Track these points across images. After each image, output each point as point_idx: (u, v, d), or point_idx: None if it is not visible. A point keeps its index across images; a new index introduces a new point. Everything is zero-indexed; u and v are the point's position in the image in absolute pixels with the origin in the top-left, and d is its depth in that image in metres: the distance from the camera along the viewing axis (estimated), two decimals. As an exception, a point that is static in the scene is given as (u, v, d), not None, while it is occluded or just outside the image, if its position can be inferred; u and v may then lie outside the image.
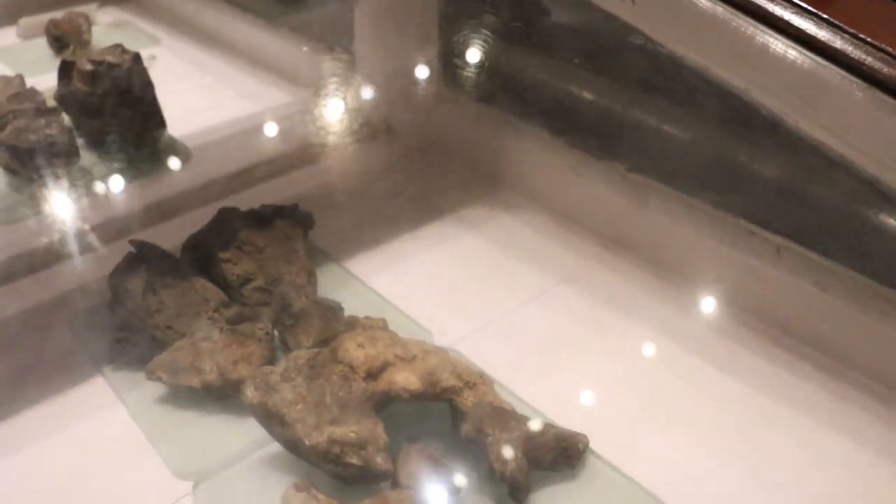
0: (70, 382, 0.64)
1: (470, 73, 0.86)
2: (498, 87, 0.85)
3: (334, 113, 0.94)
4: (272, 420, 0.53)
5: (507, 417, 0.54)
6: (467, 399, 0.54)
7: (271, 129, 0.94)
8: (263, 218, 0.69)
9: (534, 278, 0.73)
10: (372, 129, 0.92)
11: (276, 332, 0.64)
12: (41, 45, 1.19)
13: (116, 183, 0.87)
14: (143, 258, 0.65)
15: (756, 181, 0.69)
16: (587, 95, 0.79)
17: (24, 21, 1.18)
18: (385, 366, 0.54)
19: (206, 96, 1.00)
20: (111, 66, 0.87)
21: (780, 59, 0.52)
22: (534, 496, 0.53)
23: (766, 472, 0.55)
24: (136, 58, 0.89)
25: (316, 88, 0.95)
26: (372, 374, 0.54)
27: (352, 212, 0.80)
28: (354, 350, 0.55)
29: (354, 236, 0.77)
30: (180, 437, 0.59)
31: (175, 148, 0.91)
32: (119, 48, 0.90)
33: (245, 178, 0.88)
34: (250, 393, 0.53)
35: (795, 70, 0.52)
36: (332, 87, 0.94)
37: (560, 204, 0.79)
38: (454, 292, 0.71)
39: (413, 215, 0.82)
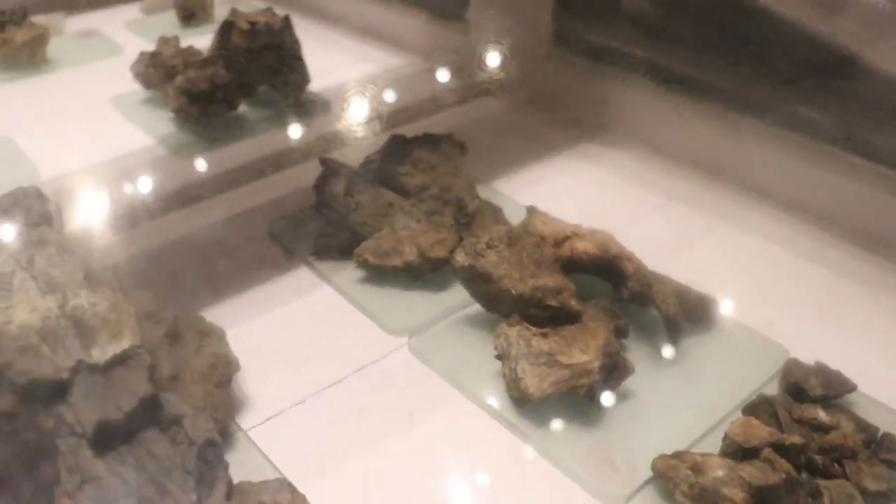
0: (279, 272, 0.79)
1: (579, 32, 1.01)
2: (604, 44, 1.01)
3: (452, 72, 1.10)
4: (478, 280, 0.68)
5: (662, 278, 0.69)
6: (629, 266, 0.69)
7: (395, 86, 1.09)
8: (434, 140, 0.84)
9: (648, 197, 0.89)
10: (486, 85, 1.07)
11: (453, 229, 0.79)
12: (166, 17, 1.34)
13: (271, 126, 1.02)
14: (336, 172, 0.81)
15: (840, 114, 0.85)
16: (685, 47, 0.95)
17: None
18: (566, 237, 0.69)
19: (329, 60, 1.14)
20: (267, 25, 1.02)
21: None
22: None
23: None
24: (286, 19, 1.04)
25: (433, 52, 1.11)
26: (558, 243, 0.69)
27: (481, 150, 0.93)
28: (542, 226, 0.70)
29: (490, 165, 0.92)
30: (386, 305, 0.74)
31: (315, 100, 1.07)
32: (270, 10, 1.05)
33: (377, 125, 1.03)
34: (461, 258, 0.68)
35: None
36: (449, 51, 1.10)
37: (664, 141, 0.95)
38: (585, 208, 0.86)
39: (535, 150, 0.97)
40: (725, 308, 0.71)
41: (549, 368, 0.61)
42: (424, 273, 0.74)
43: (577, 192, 0.88)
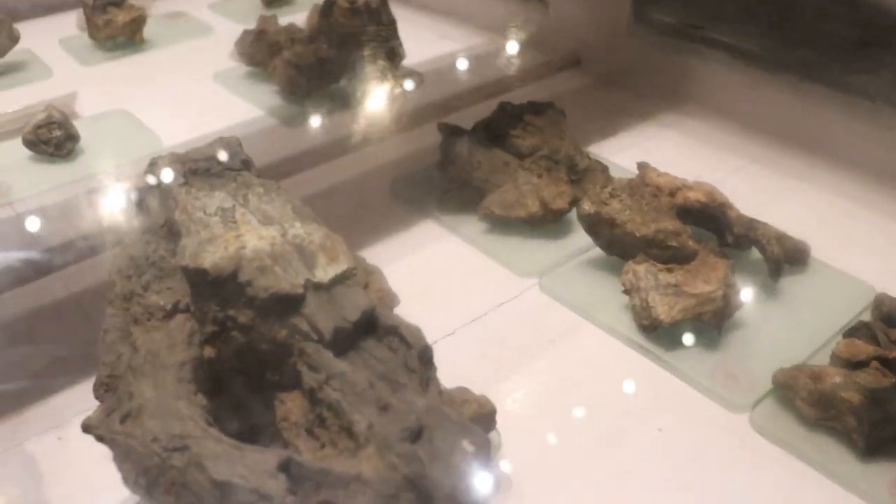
0: (406, 225, 0.89)
1: (656, 9, 1.11)
2: (680, 20, 1.10)
3: (534, 47, 1.19)
4: (603, 225, 0.78)
5: (762, 224, 0.79)
6: (733, 213, 0.79)
7: (482, 60, 1.19)
8: (539, 107, 0.94)
9: (729, 160, 0.99)
10: (566, 60, 1.17)
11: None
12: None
13: (373, 98, 1.11)
14: (458, 134, 0.90)
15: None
16: (756, 23, 1.05)
17: (233, -17, 1.44)
18: (678, 188, 0.79)
19: (416, 38, 1.23)
20: (366, 3, 1.12)
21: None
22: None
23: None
24: (383, -1, 1.14)
25: (515, 31, 1.20)
26: (671, 192, 0.79)
27: (570, 119, 1.03)
28: (656, 178, 0.80)
29: (580, 133, 1.02)
30: (513, 251, 0.84)
31: (411, 73, 1.16)
32: (368, -10, 1.14)
33: (468, 97, 1.13)
34: (587, 206, 0.78)
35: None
36: (530, 30, 1.20)
37: (740, 110, 1.04)
38: (672, 170, 0.95)
39: (620, 119, 1.07)
40: (816, 253, 0.81)
41: (676, 298, 0.71)
42: (545, 223, 0.84)
43: (663, 156, 0.97)
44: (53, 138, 0.99)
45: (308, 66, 1.07)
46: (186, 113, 1.10)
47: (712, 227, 0.80)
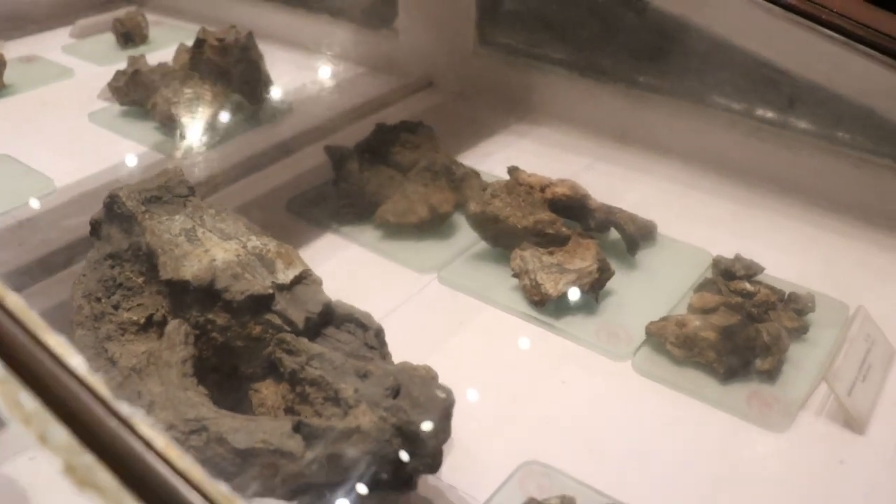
0: (308, 238, 1.01)
1: (499, 32, 1.29)
2: (523, 40, 1.28)
3: (388, 73, 1.34)
4: (488, 222, 0.93)
5: (617, 209, 0.97)
6: (594, 202, 0.97)
7: (343, 87, 1.33)
8: (411, 125, 1.08)
9: (577, 160, 1.17)
10: (420, 82, 1.33)
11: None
12: (100, 41, 1.50)
13: (249, 127, 1.22)
14: (347, 154, 1.04)
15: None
16: (585, 40, 1.24)
17: (81, 22, 1.49)
18: (546, 185, 0.96)
19: (276, 70, 1.35)
20: (236, 39, 1.23)
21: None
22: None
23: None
24: (249, 35, 1.25)
25: (369, 58, 1.35)
26: (542, 189, 0.95)
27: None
28: (527, 178, 0.96)
29: (445, 145, 1.17)
30: (410, 252, 0.97)
31: (279, 104, 1.28)
32: (234, 28, 1.25)
33: (336, 121, 1.26)
34: (474, 206, 0.93)
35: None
36: (383, 56, 1.34)
37: (581, 116, 1.23)
38: (537, 170, 1.13)
39: (475, 132, 1.23)
40: (661, 229, 1.00)
41: (560, 274, 0.87)
42: (434, 226, 0.99)
43: (521, 161, 1.12)
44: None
45: (188, 101, 1.17)
46: (71, 153, 1.16)
47: (576, 215, 0.97)
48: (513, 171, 0.97)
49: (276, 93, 1.28)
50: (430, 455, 0.60)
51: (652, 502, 0.68)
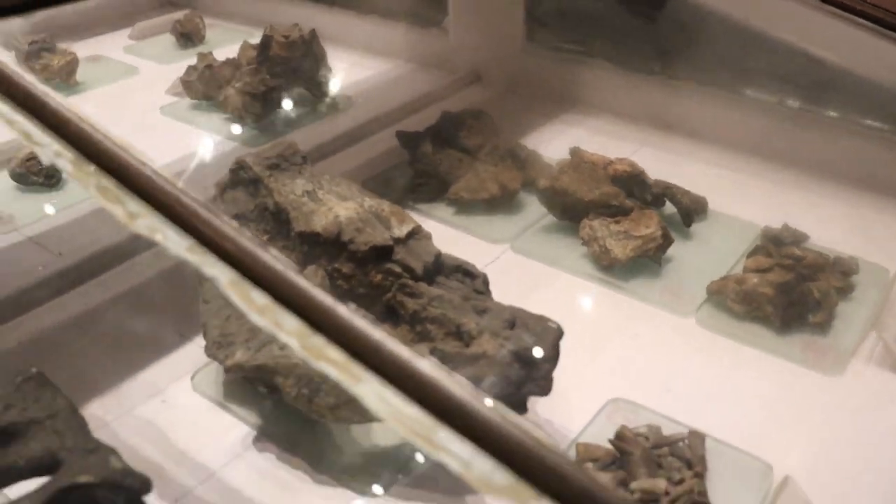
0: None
1: (545, 29, 1.39)
2: (568, 37, 1.39)
3: (438, 70, 1.45)
4: (557, 196, 1.03)
5: (672, 185, 1.08)
6: (649, 178, 1.07)
7: (394, 85, 1.43)
8: (474, 113, 1.19)
9: (624, 146, 1.27)
10: (468, 78, 1.43)
11: (512, 170, 1.14)
12: (159, 42, 1.60)
13: (313, 119, 1.33)
14: (414, 137, 1.14)
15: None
16: (628, 35, 1.35)
17: (140, 24, 1.60)
18: (608, 163, 1.06)
19: (334, 67, 1.45)
20: (301, 36, 1.33)
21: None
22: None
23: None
24: (312, 32, 1.35)
25: (418, 56, 1.45)
26: (604, 166, 1.06)
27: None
28: (589, 156, 1.07)
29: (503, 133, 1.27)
30: (482, 225, 1.08)
31: (339, 97, 1.38)
32: (297, 26, 1.36)
33: (391, 115, 1.36)
34: (543, 181, 1.03)
35: None
36: (434, 54, 1.45)
37: (625, 108, 1.34)
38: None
39: (526, 123, 1.34)
40: (710, 206, 1.10)
41: (627, 240, 0.97)
42: (503, 202, 1.09)
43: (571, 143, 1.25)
44: (43, 169, 1.13)
45: (259, 93, 1.27)
46: (150, 143, 1.25)
47: (635, 189, 1.07)
48: (575, 151, 1.08)
49: (336, 87, 1.38)
50: (543, 378, 0.70)
51: (725, 435, 0.77)
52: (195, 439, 0.81)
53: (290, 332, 0.50)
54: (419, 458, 0.76)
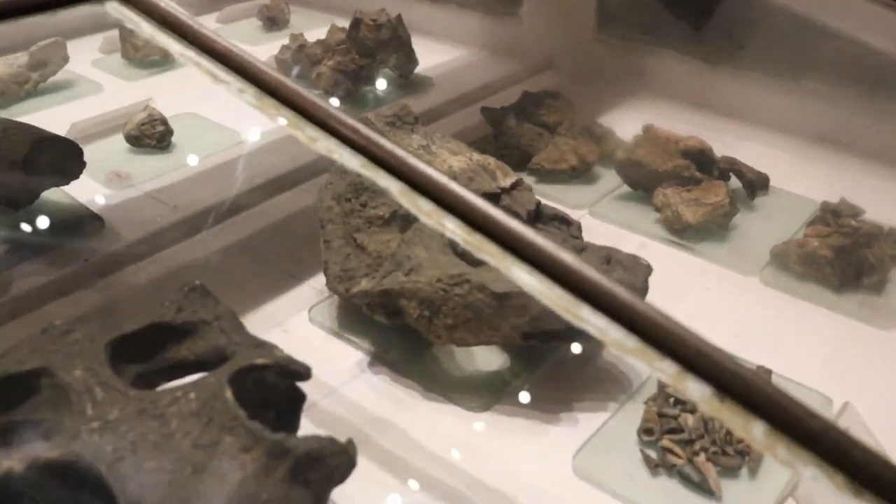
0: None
1: (616, 19, 1.51)
2: (637, 27, 1.50)
3: (510, 56, 1.56)
4: (633, 167, 1.14)
5: (737, 160, 1.18)
6: (715, 154, 1.18)
7: (471, 69, 1.54)
8: (552, 94, 1.30)
9: (689, 129, 1.38)
10: (540, 65, 1.54)
11: (589, 144, 1.24)
12: (246, 25, 1.73)
13: (398, 97, 1.44)
14: (499, 113, 1.25)
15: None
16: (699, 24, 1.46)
17: (228, 9, 1.72)
18: (679, 139, 1.17)
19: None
20: (388, 20, 1.45)
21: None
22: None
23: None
24: (399, 17, 1.47)
25: (493, 44, 1.57)
26: (676, 141, 1.16)
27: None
28: (662, 132, 1.17)
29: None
30: (562, 193, 1.18)
31: (421, 78, 1.50)
32: (384, 11, 1.47)
33: (470, 95, 1.47)
34: (620, 153, 1.14)
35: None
36: (506, 42, 1.56)
37: (690, 95, 1.44)
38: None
39: (598, 104, 1.45)
40: (773, 182, 1.21)
41: (697, 207, 1.08)
42: (580, 173, 1.20)
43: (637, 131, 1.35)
44: (156, 133, 1.26)
45: (350, 71, 1.39)
46: (246, 113, 1.37)
47: (703, 164, 1.17)
48: (648, 127, 1.18)
49: (418, 69, 1.50)
50: (635, 309, 0.80)
51: (790, 374, 0.87)
52: (315, 363, 0.92)
53: (452, 230, 0.61)
54: (515, 382, 0.87)
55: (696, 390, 0.51)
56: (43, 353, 0.65)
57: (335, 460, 0.60)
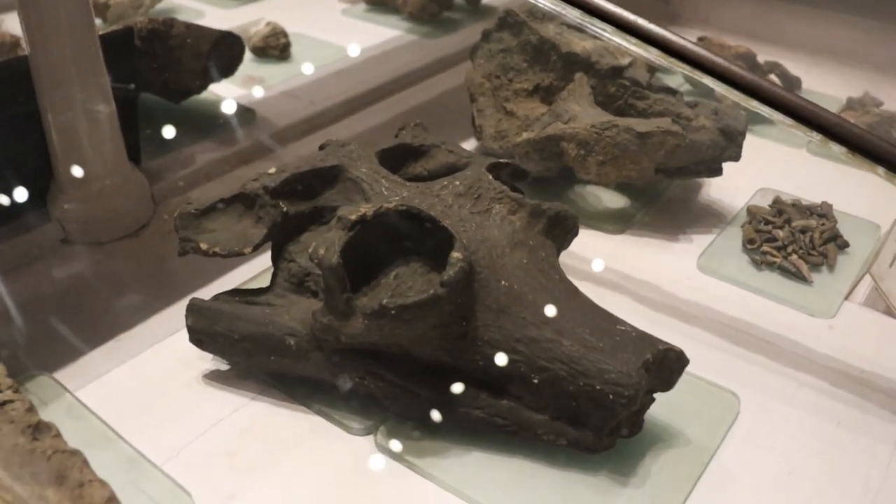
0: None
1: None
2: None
3: None
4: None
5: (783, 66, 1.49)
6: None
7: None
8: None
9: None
10: None
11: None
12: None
13: (473, 21, 1.71)
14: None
15: None
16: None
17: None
18: (730, 47, 1.47)
19: None
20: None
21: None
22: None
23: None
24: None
25: None
26: (727, 48, 1.46)
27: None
28: (716, 40, 1.48)
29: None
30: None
31: (484, 7, 1.77)
32: None
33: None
34: (686, 56, 1.44)
35: None
36: None
37: (752, 30, 1.75)
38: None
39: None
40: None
41: (754, 96, 1.38)
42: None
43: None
44: (280, 44, 1.51)
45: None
46: (343, 35, 1.63)
47: (751, 68, 1.47)
48: (703, 37, 1.48)
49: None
50: (737, 147, 1.09)
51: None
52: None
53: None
54: (637, 215, 1.15)
55: (836, 149, 0.80)
56: (332, 157, 0.91)
57: (571, 221, 0.87)
